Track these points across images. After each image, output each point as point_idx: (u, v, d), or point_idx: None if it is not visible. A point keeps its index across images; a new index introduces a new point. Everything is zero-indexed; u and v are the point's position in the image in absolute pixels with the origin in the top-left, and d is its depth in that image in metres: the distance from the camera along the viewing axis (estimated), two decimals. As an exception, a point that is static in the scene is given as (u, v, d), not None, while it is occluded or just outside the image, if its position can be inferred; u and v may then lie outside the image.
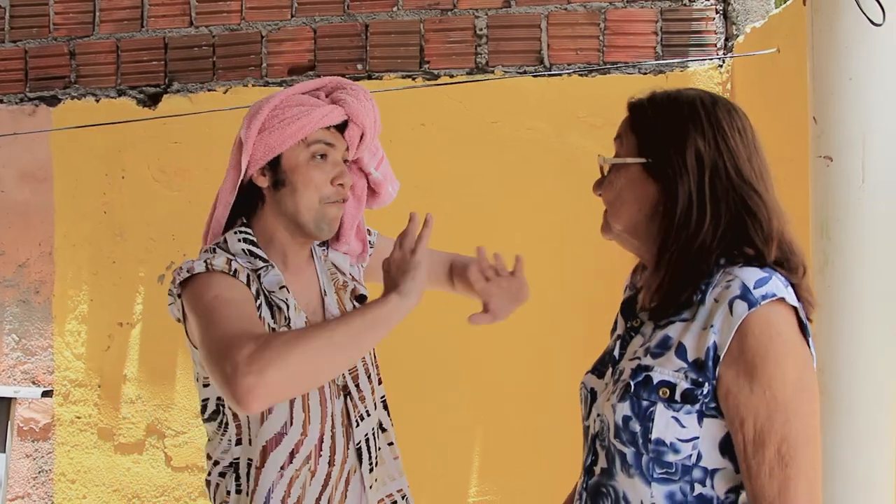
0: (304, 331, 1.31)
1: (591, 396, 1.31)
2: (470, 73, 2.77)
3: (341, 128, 1.63)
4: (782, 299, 1.11)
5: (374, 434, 1.64)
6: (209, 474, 1.61)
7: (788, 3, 2.26)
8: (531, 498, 2.72)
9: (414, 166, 2.74)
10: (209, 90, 2.91)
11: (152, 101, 2.96)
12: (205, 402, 1.60)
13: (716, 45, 2.70)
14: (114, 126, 2.83)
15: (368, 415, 1.63)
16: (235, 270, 1.49)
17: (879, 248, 1.61)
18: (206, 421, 1.62)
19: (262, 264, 1.57)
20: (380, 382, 1.73)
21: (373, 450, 1.63)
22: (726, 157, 1.19)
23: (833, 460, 1.60)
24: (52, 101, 3.02)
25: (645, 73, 2.70)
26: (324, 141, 1.59)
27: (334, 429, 1.58)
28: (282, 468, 1.52)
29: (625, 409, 1.18)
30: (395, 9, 2.80)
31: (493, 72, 2.75)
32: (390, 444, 1.72)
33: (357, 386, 1.62)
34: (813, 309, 1.19)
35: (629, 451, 1.18)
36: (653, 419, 1.15)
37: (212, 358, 1.27)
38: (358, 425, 1.60)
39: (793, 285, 1.16)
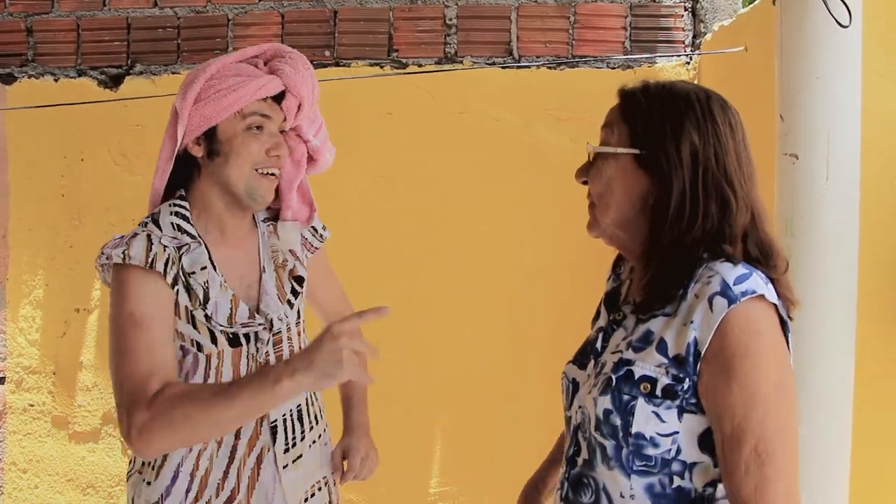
0: (196, 405, 1.35)
1: (574, 387, 1.31)
2: (438, 62, 2.75)
3: (279, 97, 1.62)
4: (762, 296, 1.11)
5: (292, 416, 1.64)
6: None
7: (756, 2, 2.28)
8: (491, 490, 2.73)
9: (380, 155, 2.73)
10: (173, 73, 2.85)
11: (114, 82, 2.89)
12: None
13: (684, 42, 2.72)
14: (73, 107, 2.75)
15: None
16: (152, 261, 1.50)
17: (843, 246, 1.63)
18: None
19: (187, 240, 1.57)
20: None
21: (289, 431, 1.63)
22: (718, 153, 1.18)
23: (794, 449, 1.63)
24: (8, 80, 2.94)
25: (613, 68, 2.70)
26: (260, 112, 1.58)
27: None
28: None
29: (606, 402, 1.18)
30: (364, -4, 2.78)
31: (461, 62, 2.73)
32: (319, 436, 1.73)
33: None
34: (794, 306, 1.20)
35: (609, 444, 1.18)
36: (633, 413, 1.15)
37: (116, 393, 1.43)
38: None
39: (773, 281, 1.16)
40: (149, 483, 1.60)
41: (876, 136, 1.99)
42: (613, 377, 1.18)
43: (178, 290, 1.54)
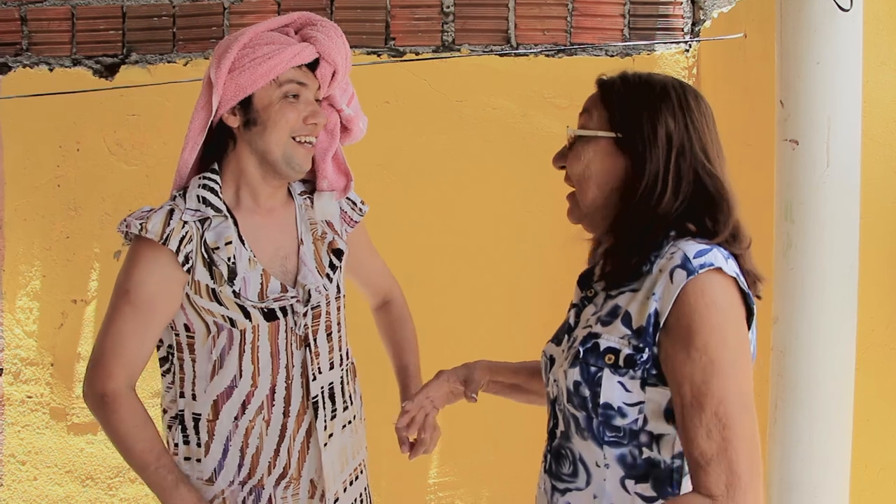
0: (127, 442, 1.54)
1: (550, 363, 1.36)
2: (436, 50, 2.73)
3: (312, 66, 1.61)
4: (720, 269, 1.15)
5: (323, 394, 1.64)
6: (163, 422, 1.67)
7: (755, -12, 2.27)
8: (491, 480, 2.73)
9: (378, 144, 2.71)
10: (169, 62, 2.83)
11: (109, 71, 2.87)
12: (160, 347, 1.65)
13: (683, 30, 2.70)
14: (68, 97, 2.73)
15: (320, 372, 1.64)
16: (167, 237, 1.52)
17: (842, 232, 1.63)
18: (162, 373, 1.67)
19: (211, 213, 1.57)
20: (348, 353, 1.74)
21: (328, 407, 1.64)
22: (694, 139, 1.24)
23: (793, 440, 1.63)
24: (3, 69, 2.91)
25: (612, 56, 2.69)
26: (296, 80, 1.57)
27: (289, 379, 1.60)
28: (235, 419, 1.58)
29: (575, 374, 1.23)
30: (361, -17, 2.76)
31: (459, 50, 2.72)
32: (352, 419, 1.72)
33: (315, 340, 1.63)
34: (760, 282, 1.25)
35: (581, 415, 1.23)
36: (600, 384, 1.19)
37: (94, 349, 1.58)
38: (315, 378, 1.61)
39: (735, 257, 1.21)
40: (198, 460, 1.60)
41: (876, 122, 1.99)
42: (581, 349, 1.24)
43: (192, 269, 1.54)
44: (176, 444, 1.63)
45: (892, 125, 2.01)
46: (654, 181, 1.22)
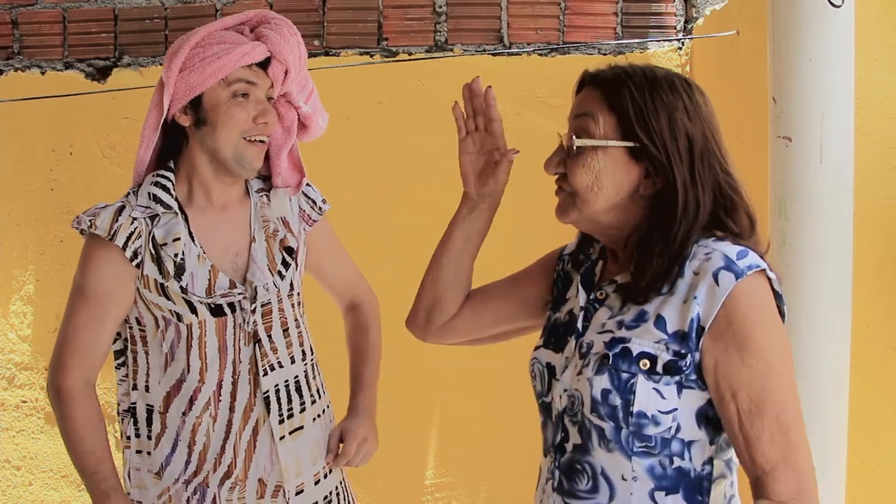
0: (74, 441, 1.60)
1: (549, 371, 1.27)
2: (429, 50, 2.73)
3: (265, 64, 1.61)
4: (763, 270, 1.12)
5: (287, 388, 1.64)
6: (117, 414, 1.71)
7: (748, -15, 2.27)
8: (488, 480, 2.72)
9: (371, 144, 2.71)
10: (161, 64, 2.80)
11: (101, 74, 2.86)
12: (116, 340, 1.68)
13: (675, 27, 2.70)
14: (61, 100, 2.72)
15: (281, 366, 1.64)
16: (114, 233, 1.55)
17: (836, 228, 1.63)
18: (116, 366, 1.71)
19: (161, 210, 1.59)
20: (311, 349, 1.73)
21: (283, 402, 1.63)
22: (707, 138, 1.17)
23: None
24: (-5, 74, 2.91)
25: (605, 54, 2.69)
26: (245, 80, 1.58)
27: (236, 375, 1.61)
28: (183, 414, 1.60)
29: (603, 382, 1.15)
30: (353, -16, 2.75)
31: (452, 50, 2.71)
32: (323, 411, 1.72)
33: (269, 336, 1.63)
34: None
35: (608, 426, 1.15)
36: (634, 391, 1.13)
37: (56, 344, 1.64)
38: (266, 374, 1.62)
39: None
40: (148, 453, 1.63)
41: (869, 119, 1.99)
42: (610, 354, 1.15)
43: (141, 264, 1.57)
44: (128, 437, 1.66)
45: (884, 121, 2.01)
46: (685, 193, 1.14)
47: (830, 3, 1.56)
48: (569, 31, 2.71)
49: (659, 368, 1.13)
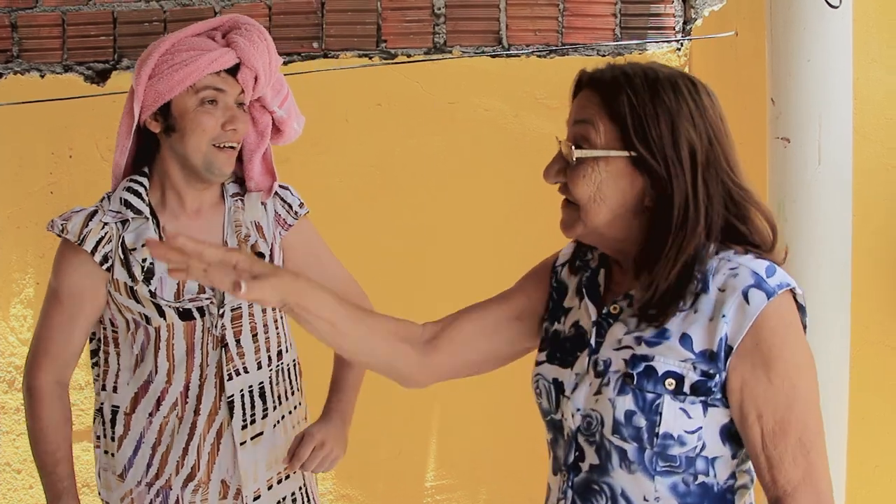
0: (39, 441, 1.62)
1: (556, 388, 1.20)
2: (427, 52, 2.73)
3: (235, 69, 1.62)
4: (792, 288, 1.10)
5: (251, 393, 1.65)
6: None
7: (746, -15, 2.27)
8: (488, 482, 2.72)
9: (370, 146, 2.71)
10: (160, 67, 2.82)
11: (100, 77, 2.86)
12: (92, 339, 1.71)
13: (674, 28, 2.70)
14: (60, 103, 2.72)
15: (247, 372, 1.65)
16: (83, 238, 1.58)
17: (836, 229, 1.62)
18: (91, 364, 1.73)
19: (131, 215, 1.61)
20: (281, 353, 1.72)
21: (247, 408, 1.65)
22: (717, 150, 1.11)
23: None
24: (-6, 77, 2.91)
25: (604, 55, 2.69)
26: (213, 87, 1.59)
27: (203, 378, 1.62)
28: (150, 414, 1.62)
29: (627, 403, 1.10)
30: (351, -14, 2.75)
31: (450, 52, 2.71)
32: (285, 416, 1.71)
33: (238, 342, 1.64)
34: None
35: (631, 447, 1.11)
36: (660, 413, 1.09)
37: (31, 343, 1.68)
38: (231, 378, 1.63)
39: None
40: (112, 454, 1.66)
41: (868, 120, 1.99)
42: (634, 373, 1.10)
43: (111, 268, 1.59)
44: (98, 437, 1.69)
45: (883, 122, 2.01)
46: (685, 204, 1.09)
47: (828, 3, 1.55)
48: (567, 33, 2.71)
49: (686, 388, 1.09)
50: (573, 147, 1.13)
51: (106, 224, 1.61)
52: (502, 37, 2.71)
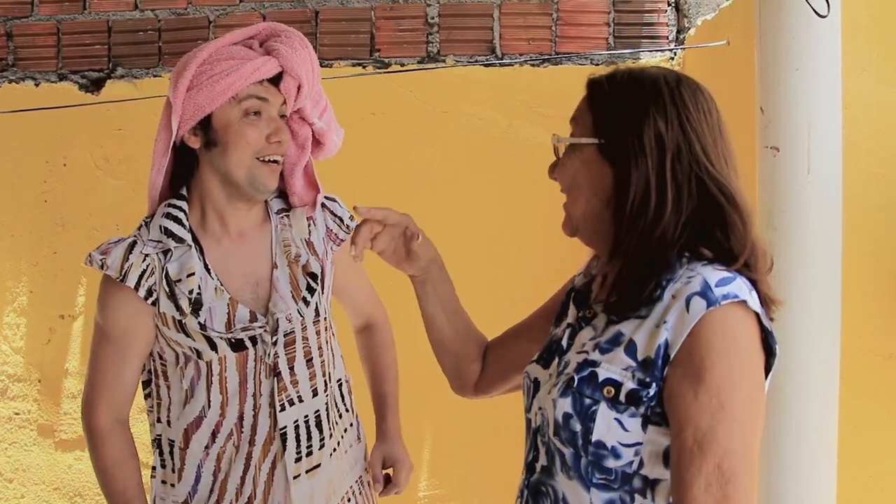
0: (105, 478, 1.59)
1: (535, 387, 1.22)
2: (421, 61, 2.74)
3: (276, 79, 1.54)
4: (744, 302, 1.03)
5: (307, 424, 1.58)
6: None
7: (738, -5, 2.28)
8: (481, 492, 2.71)
9: (364, 156, 2.71)
10: (155, 76, 2.83)
11: (95, 86, 2.86)
12: (144, 370, 1.64)
13: (667, 37, 2.71)
14: (55, 112, 2.73)
15: (302, 401, 1.58)
16: (125, 273, 1.50)
17: (826, 238, 1.62)
18: (144, 395, 1.67)
19: (173, 245, 1.53)
20: (330, 379, 1.66)
21: (303, 439, 1.57)
22: (691, 140, 1.09)
23: (777, 454, 1.61)
24: (-11, 85, 2.91)
25: (597, 64, 2.70)
26: (256, 96, 1.50)
27: (257, 409, 1.56)
28: (206, 447, 1.56)
29: (566, 405, 1.09)
30: (346, -5, 2.76)
31: (444, 61, 2.72)
32: (339, 442, 1.66)
33: (291, 369, 1.57)
34: (776, 305, 1.13)
35: (568, 452, 1.10)
36: (594, 419, 1.06)
37: (85, 383, 1.62)
38: (284, 409, 1.56)
39: (755, 282, 1.09)
40: (172, 485, 1.60)
41: (858, 129, 1.99)
42: (576, 377, 1.09)
43: (157, 302, 1.51)
44: (154, 468, 1.63)
45: (873, 131, 2.01)
46: (644, 191, 1.08)
47: (815, 12, 1.56)
48: (561, 42, 2.71)
49: (622, 397, 1.05)
50: (553, 136, 1.19)
51: (147, 256, 1.51)
52: (496, 46, 2.72)
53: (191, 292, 1.50)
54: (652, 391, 1.04)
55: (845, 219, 1.68)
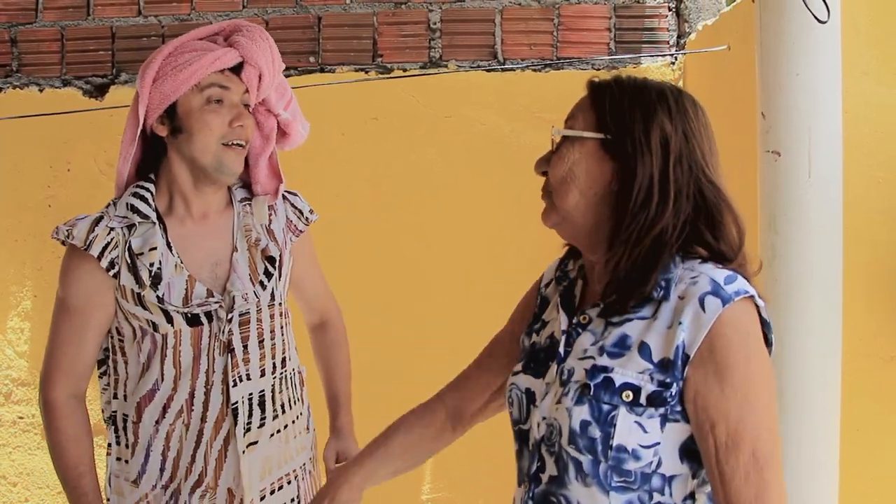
0: (59, 453, 1.63)
1: (528, 397, 1.21)
2: (423, 66, 2.75)
3: (238, 69, 1.62)
4: (752, 297, 1.08)
5: (250, 401, 1.64)
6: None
7: (739, 0, 2.28)
8: (485, 495, 2.72)
9: (366, 160, 2.72)
10: (158, 81, 2.84)
11: (99, 91, 2.88)
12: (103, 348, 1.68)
13: (668, 42, 2.72)
14: (59, 117, 2.74)
15: (250, 378, 1.64)
16: (90, 243, 1.56)
17: (826, 241, 1.63)
18: (99, 374, 1.71)
19: (138, 220, 1.60)
20: (285, 360, 1.72)
21: (245, 414, 1.63)
22: (693, 148, 1.13)
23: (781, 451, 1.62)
24: (-7, 91, 2.93)
25: (598, 69, 2.70)
26: (218, 84, 1.59)
27: (209, 385, 1.62)
28: (157, 422, 1.61)
29: (583, 413, 1.10)
30: (348, 1, 2.77)
31: (446, 66, 2.73)
32: (281, 430, 1.71)
33: (245, 347, 1.63)
34: (764, 303, 1.14)
35: (586, 459, 1.11)
36: (614, 424, 1.08)
37: (44, 358, 1.65)
38: (235, 385, 1.62)
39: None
40: (126, 461, 1.65)
41: (859, 132, 2.00)
42: (591, 384, 1.11)
43: (118, 274, 1.57)
44: (109, 444, 1.69)
45: (873, 135, 2.02)
46: (648, 188, 1.10)
47: (815, 18, 1.57)
48: (562, 47, 2.72)
49: (642, 400, 1.08)
50: (553, 128, 1.21)
51: (112, 229, 1.59)
52: (497, 51, 2.73)
53: (151, 265, 1.57)
54: (673, 391, 1.08)
55: (846, 222, 1.68)
